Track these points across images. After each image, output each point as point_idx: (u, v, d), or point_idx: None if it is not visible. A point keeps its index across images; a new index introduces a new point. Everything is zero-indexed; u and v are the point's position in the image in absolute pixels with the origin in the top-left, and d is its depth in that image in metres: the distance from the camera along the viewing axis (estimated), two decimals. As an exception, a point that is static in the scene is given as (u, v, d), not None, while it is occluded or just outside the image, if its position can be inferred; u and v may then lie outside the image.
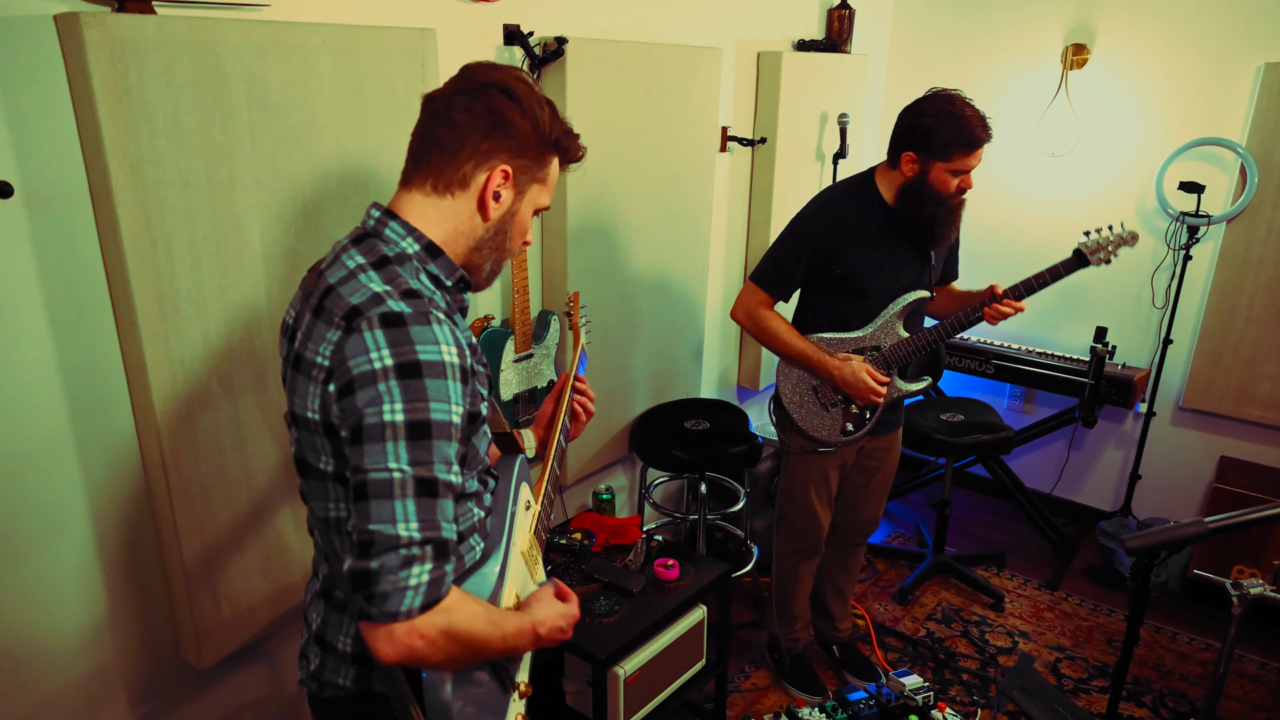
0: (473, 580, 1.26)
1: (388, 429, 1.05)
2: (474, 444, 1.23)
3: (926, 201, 2.29)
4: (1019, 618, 3.32)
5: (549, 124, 1.24)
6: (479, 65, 1.26)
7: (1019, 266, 3.84)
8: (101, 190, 1.57)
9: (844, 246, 2.35)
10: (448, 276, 1.24)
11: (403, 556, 1.03)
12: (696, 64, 2.84)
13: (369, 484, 1.04)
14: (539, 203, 1.30)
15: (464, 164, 1.20)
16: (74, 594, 1.74)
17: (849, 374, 2.40)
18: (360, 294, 1.12)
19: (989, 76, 3.79)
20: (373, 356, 1.06)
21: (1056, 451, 4.01)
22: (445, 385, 1.08)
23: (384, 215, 1.23)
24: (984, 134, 2.23)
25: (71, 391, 1.66)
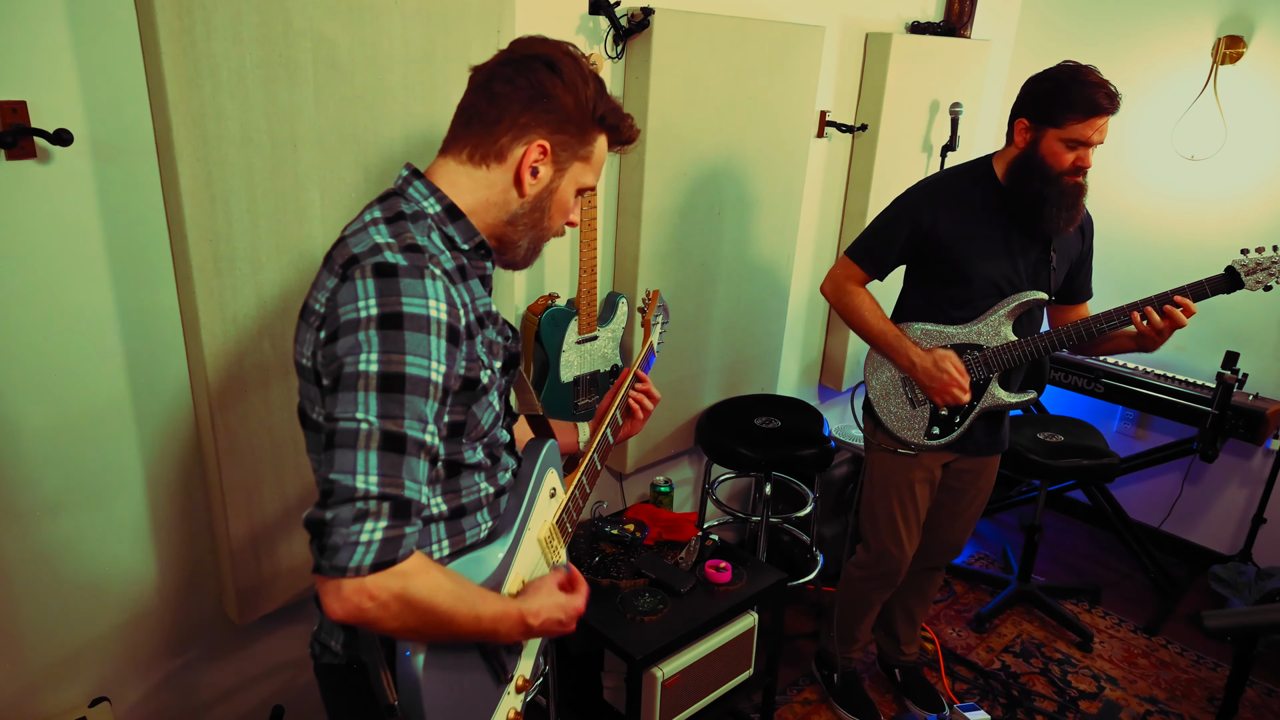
0: (470, 557, 1.20)
1: (360, 378, 1.02)
2: (474, 412, 1.19)
3: (1034, 176, 2.08)
4: (1108, 661, 3.06)
5: (593, 100, 1.20)
6: (527, 38, 1.23)
7: (1145, 282, 3.56)
8: (165, 144, 1.57)
9: (948, 224, 2.18)
10: (465, 240, 1.21)
11: (357, 509, 0.99)
12: (795, 42, 2.69)
13: (336, 433, 1.02)
14: (582, 182, 1.26)
15: (501, 136, 1.18)
16: (125, 543, 1.78)
17: (930, 364, 2.21)
18: (363, 245, 1.10)
19: (1126, 70, 3.47)
20: (360, 305, 1.04)
21: (1169, 483, 3.68)
22: (427, 340, 1.04)
23: (411, 175, 1.21)
24: (1107, 102, 2.01)
25: (129, 343, 1.68)
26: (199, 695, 2.00)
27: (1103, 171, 3.57)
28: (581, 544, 2.45)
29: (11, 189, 1.46)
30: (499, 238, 1.25)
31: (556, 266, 2.40)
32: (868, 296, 2.32)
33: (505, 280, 2.16)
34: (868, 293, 2.32)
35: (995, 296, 2.23)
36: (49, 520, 1.66)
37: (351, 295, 1.05)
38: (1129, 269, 3.63)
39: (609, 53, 2.30)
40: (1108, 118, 2.03)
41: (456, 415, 1.17)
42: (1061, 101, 2.02)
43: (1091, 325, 2.15)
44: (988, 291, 2.22)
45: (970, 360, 2.25)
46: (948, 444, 2.34)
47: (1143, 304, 2.09)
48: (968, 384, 2.22)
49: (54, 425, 1.62)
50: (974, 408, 2.29)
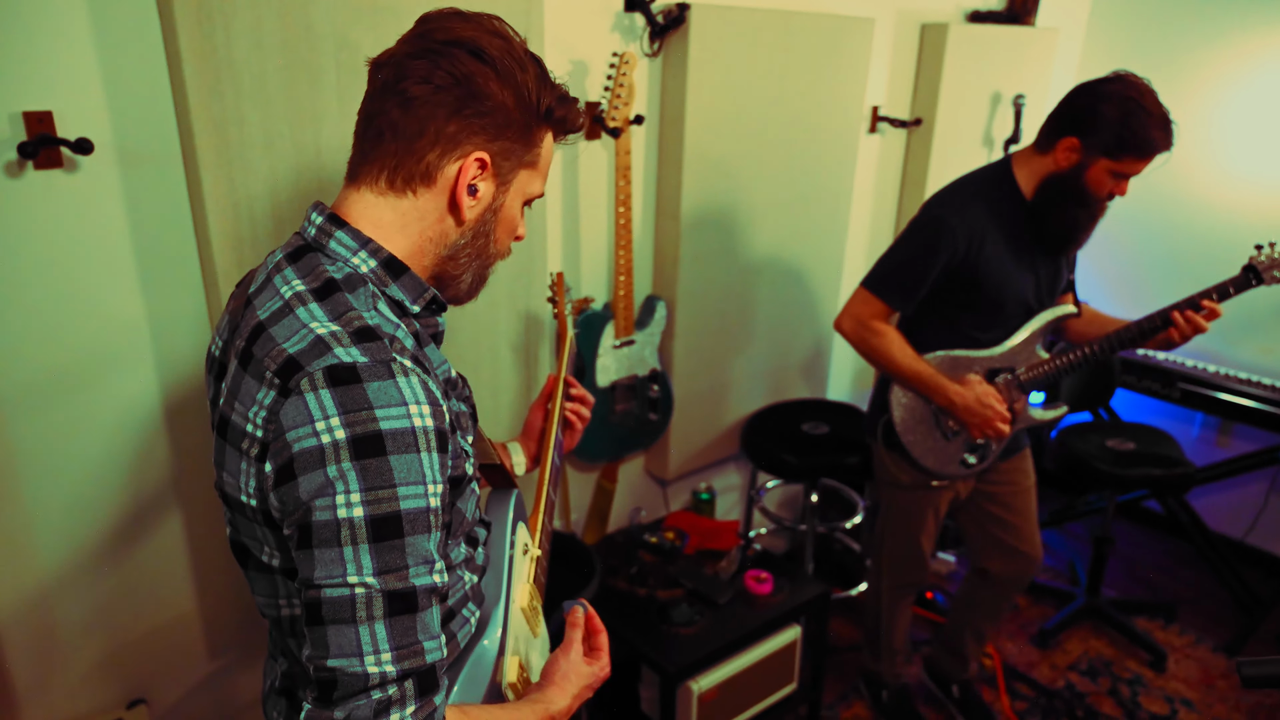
0: (470, 662, 1.05)
1: (344, 529, 0.80)
2: (459, 509, 1.00)
3: (1071, 199, 1.96)
4: (1183, 682, 2.88)
5: (536, 90, 0.96)
6: (441, 16, 0.96)
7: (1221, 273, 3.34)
8: (189, 150, 1.58)
9: (981, 250, 2.02)
10: (414, 300, 0.97)
11: (376, 702, 0.80)
12: (843, 35, 2.59)
13: (324, 604, 0.81)
14: (530, 191, 1.04)
15: (426, 153, 0.93)
16: (160, 545, 1.80)
17: (972, 401, 2.08)
18: (299, 338, 0.85)
19: (1209, 56, 3.26)
20: (319, 428, 0.81)
21: (1254, 493, 3.45)
22: (418, 461, 0.83)
23: (327, 222, 0.95)
24: (1166, 142, 1.88)
25: (160, 347, 1.70)
26: (237, 698, 2.02)
27: (1196, 170, 3.35)
28: (620, 551, 2.40)
29: (40, 198, 1.49)
30: (438, 276, 1.02)
31: (593, 269, 2.36)
32: (896, 336, 2.12)
33: (539, 284, 2.13)
34: (895, 332, 2.13)
35: (1021, 315, 2.12)
36: (85, 523, 1.69)
37: (303, 415, 0.81)
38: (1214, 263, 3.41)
39: (645, 50, 2.25)
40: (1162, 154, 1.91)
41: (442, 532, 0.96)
42: (1123, 137, 1.86)
43: (1124, 335, 2.04)
44: (1017, 311, 2.11)
45: (1002, 384, 2.14)
46: (980, 468, 2.24)
47: (1170, 310, 1.99)
48: (1009, 412, 2.11)
49: (88, 429, 1.65)
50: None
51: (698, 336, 2.55)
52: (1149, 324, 2.02)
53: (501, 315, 2.09)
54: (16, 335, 1.52)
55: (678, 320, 2.47)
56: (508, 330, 2.11)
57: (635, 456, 2.69)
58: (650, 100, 2.32)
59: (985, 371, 2.14)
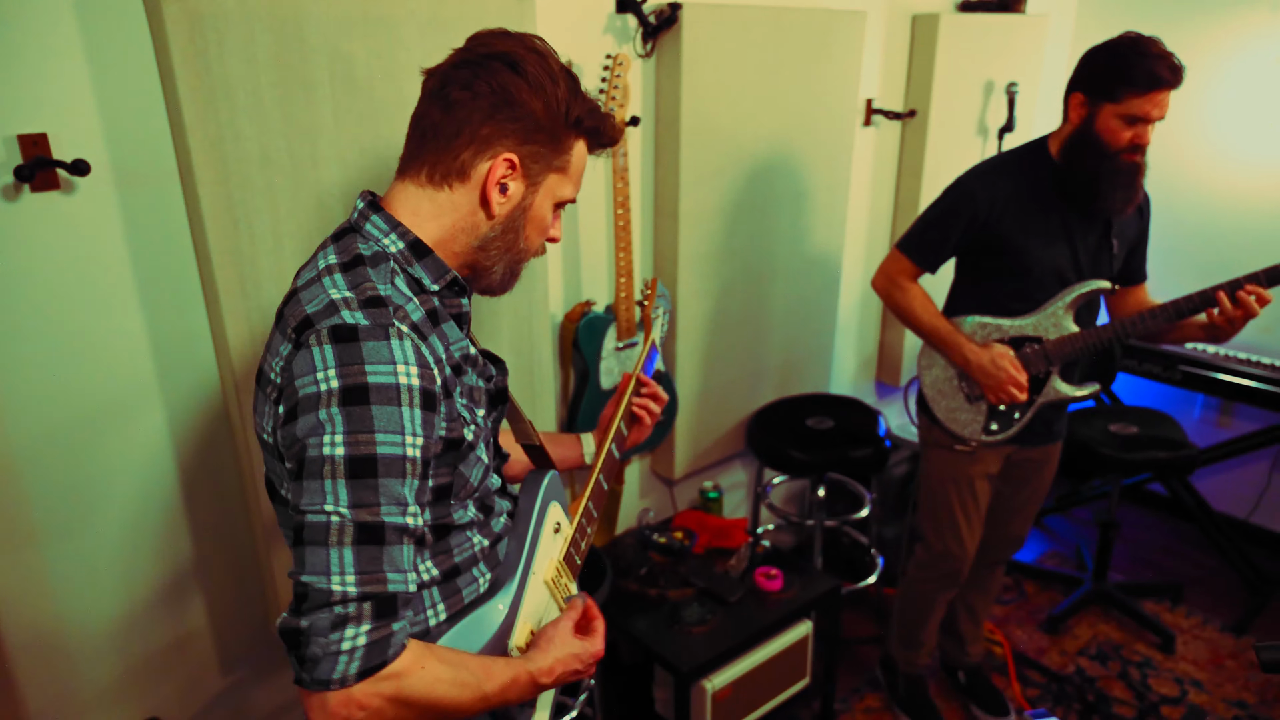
0: (468, 620, 1.12)
1: (326, 464, 0.92)
2: (461, 472, 1.08)
3: (1089, 154, 1.96)
4: (1192, 663, 2.89)
5: (565, 102, 1.07)
6: (486, 33, 1.09)
7: (1224, 258, 3.35)
8: (185, 168, 1.57)
9: (1006, 215, 2.05)
10: (434, 280, 1.08)
11: (335, 615, 0.90)
12: (835, 29, 2.59)
13: (305, 527, 0.92)
14: (560, 194, 1.14)
15: (461, 152, 1.05)
16: (171, 563, 1.80)
17: (986, 361, 2.11)
18: (317, 301, 0.98)
19: (1197, 38, 3.26)
20: (319, 377, 0.93)
21: (1257, 473, 3.46)
22: (398, 413, 0.94)
23: (368, 207, 1.09)
24: (1169, 75, 1.87)
25: (162, 366, 1.69)
26: (251, 713, 2.02)
27: (1180, 147, 3.37)
28: (629, 553, 2.40)
29: (38, 221, 1.48)
30: (471, 265, 1.13)
31: (593, 272, 2.35)
32: (920, 291, 2.21)
33: (540, 289, 2.13)
34: (920, 288, 2.22)
35: (1056, 286, 2.11)
36: (94, 543, 1.68)
37: (309, 365, 0.94)
38: (1210, 249, 3.42)
39: (638, 51, 2.24)
40: (1169, 92, 1.90)
41: (442, 479, 1.06)
42: (1119, 75, 1.90)
43: (1160, 315, 2.02)
44: (1047, 281, 2.10)
45: (1030, 354, 2.13)
46: (1006, 439, 2.23)
47: (1213, 291, 1.95)
48: (1025, 380, 2.11)
49: (94, 449, 1.64)
50: (1033, 402, 2.18)
51: (700, 336, 2.55)
52: (1186, 304, 1.99)
53: (503, 321, 2.09)
54: (18, 360, 1.51)
55: (679, 320, 2.47)
56: (510, 335, 2.10)
57: (641, 457, 2.69)
58: (645, 101, 2.31)
59: (1013, 340, 2.15)
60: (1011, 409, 2.20)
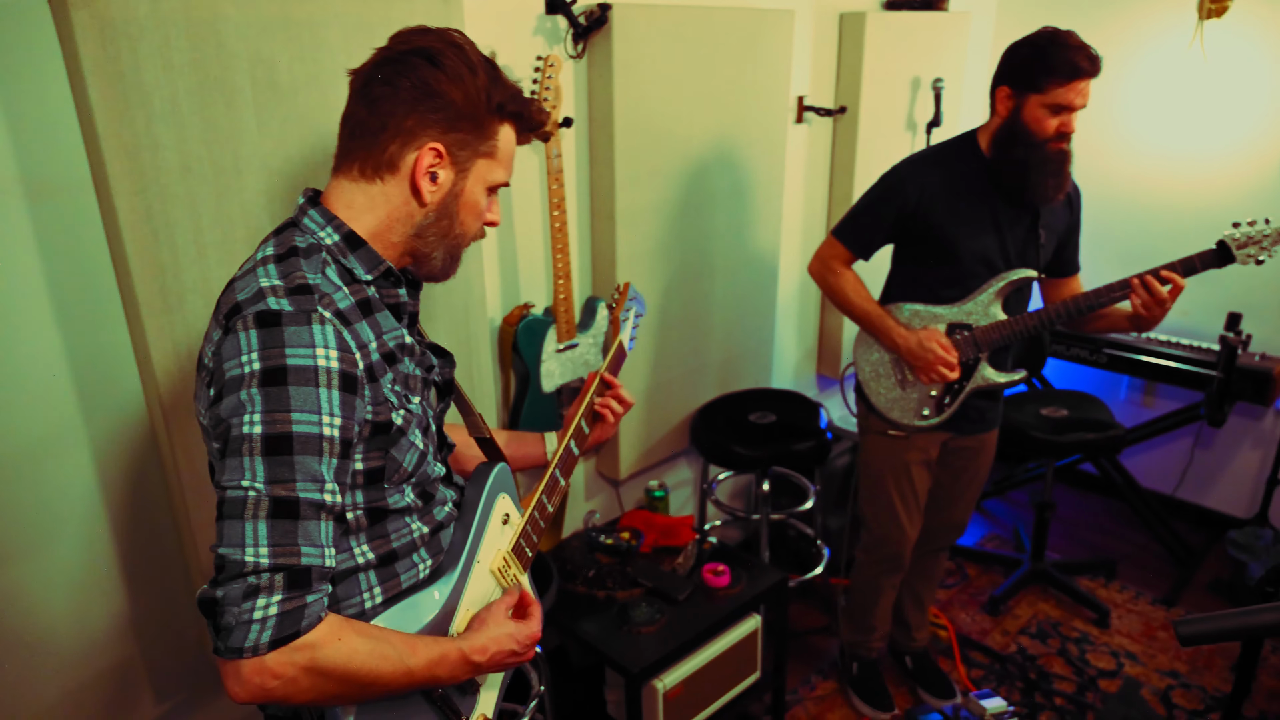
0: (404, 604, 1.14)
1: (245, 442, 0.96)
2: (393, 456, 1.11)
3: (1018, 143, 2.03)
4: (1127, 636, 2.99)
5: (486, 89, 1.11)
6: (406, 31, 1.14)
7: (1143, 248, 3.48)
8: (100, 179, 1.51)
9: (935, 203, 2.12)
10: (368, 270, 1.12)
11: (247, 585, 0.94)
12: (764, 28, 2.61)
13: (225, 502, 0.97)
14: (492, 179, 1.17)
15: (389, 145, 1.09)
16: (93, 588, 1.73)
17: (914, 343, 2.17)
18: (248, 290, 1.02)
19: (1112, 33, 3.38)
20: (243, 360, 0.98)
21: (1180, 450, 3.60)
22: (315, 393, 0.98)
23: (308, 203, 1.13)
24: (1088, 65, 1.95)
25: (81, 385, 1.63)
26: (189, 739, 1.96)
27: (1096, 138, 3.49)
28: (576, 556, 2.39)
29: (-58, 238, 1.41)
30: (411, 253, 1.17)
31: (531, 275, 2.34)
32: (853, 277, 2.27)
33: (477, 293, 2.10)
34: (853, 273, 2.28)
35: (984, 274, 2.17)
36: (18, 571, 1.61)
37: (235, 349, 0.98)
38: (1130, 238, 3.54)
39: (569, 52, 2.23)
40: (1089, 81, 1.98)
41: (373, 461, 1.09)
42: (1041, 66, 1.97)
43: (1081, 302, 2.09)
44: (976, 270, 2.16)
45: (959, 340, 2.19)
46: (939, 424, 2.28)
47: (1131, 277, 2.02)
48: (955, 361, 2.16)
49: (8, 473, 1.57)
50: (964, 388, 2.23)
51: (641, 335, 2.55)
52: (1107, 292, 2.05)
53: (440, 328, 2.06)
54: (-73, 383, 1.44)
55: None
56: (448, 341, 2.08)
57: (586, 459, 2.68)
58: (578, 102, 2.31)
59: (945, 327, 2.20)
60: (943, 394, 2.26)
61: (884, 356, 2.30)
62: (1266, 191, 3.17)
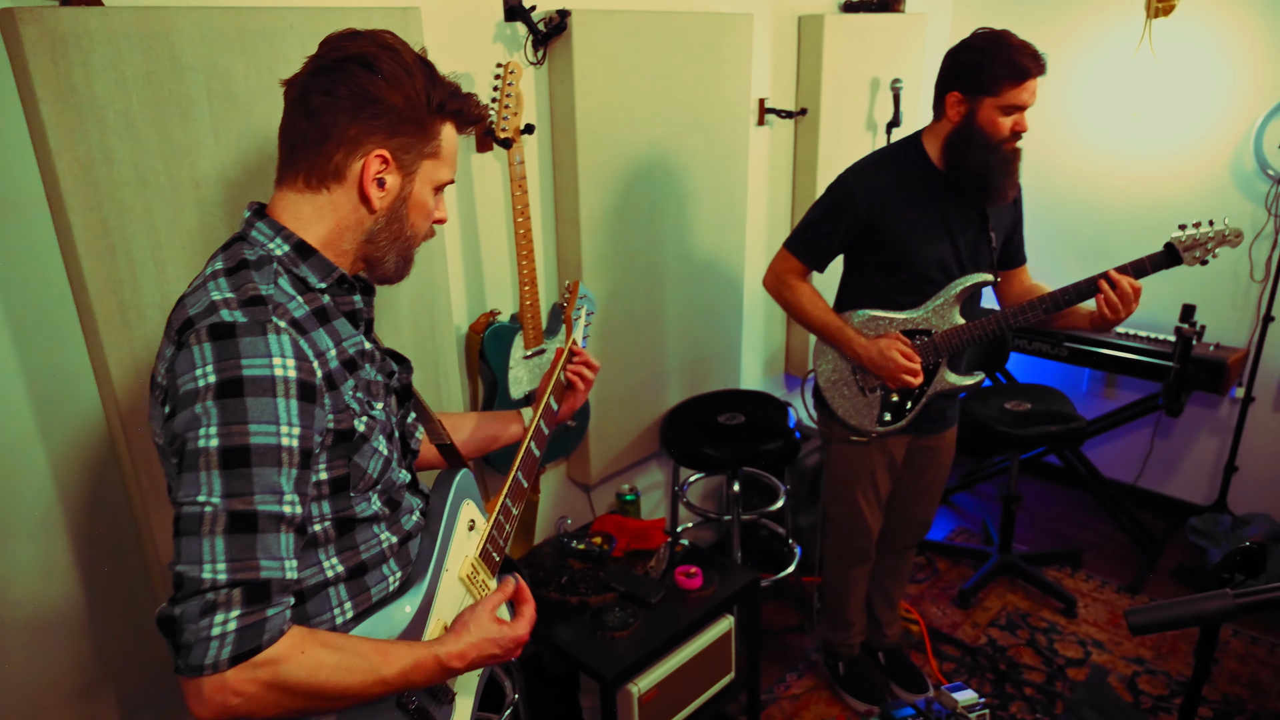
0: (379, 615, 1.14)
1: (201, 456, 0.95)
2: (356, 463, 1.11)
3: (975, 147, 2.05)
4: (1094, 625, 3.04)
5: (425, 91, 1.11)
6: (337, 36, 1.12)
7: (1097, 243, 3.55)
8: (54, 194, 1.49)
9: (887, 212, 2.13)
10: (321, 278, 1.11)
11: (205, 602, 0.92)
12: (724, 32, 2.63)
13: (181, 518, 0.95)
14: (438, 178, 1.18)
15: (333, 154, 1.09)
16: (57, 612, 1.70)
17: (875, 352, 2.19)
18: (200, 304, 1.01)
19: (1063, 31, 3.44)
20: (197, 374, 0.96)
21: (1141, 440, 3.67)
22: (273, 404, 0.97)
23: (254, 215, 1.12)
24: (1034, 64, 1.99)
25: (40, 405, 1.60)
26: (159, 759, 1.93)
27: (1052, 136, 3.55)
28: (548, 562, 2.39)
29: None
30: (364, 258, 1.17)
31: (497, 281, 2.33)
32: (808, 289, 2.29)
33: (443, 301, 2.10)
34: (808, 285, 2.29)
35: (940, 278, 2.19)
36: (-27, 598, 1.59)
37: (189, 364, 0.97)
38: (1088, 233, 3.61)
39: (529, 58, 2.23)
40: (1038, 79, 2.01)
41: (337, 470, 1.09)
42: (992, 69, 1.99)
43: (1039, 306, 2.11)
44: (932, 275, 2.19)
45: (919, 345, 2.21)
46: (901, 429, 2.31)
47: (1090, 281, 2.04)
48: (918, 367, 2.18)
49: (-32, 499, 1.55)
50: (924, 393, 2.27)
51: (608, 339, 2.56)
52: (1063, 295, 2.08)
53: (405, 336, 2.05)
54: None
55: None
56: (414, 350, 2.07)
57: (557, 465, 2.68)
58: (540, 108, 2.31)
59: (903, 333, 2.22)
60: (904, 399, 2.28)
61: (843, 364, 2.31)
62: (1218, 185, 3.24)
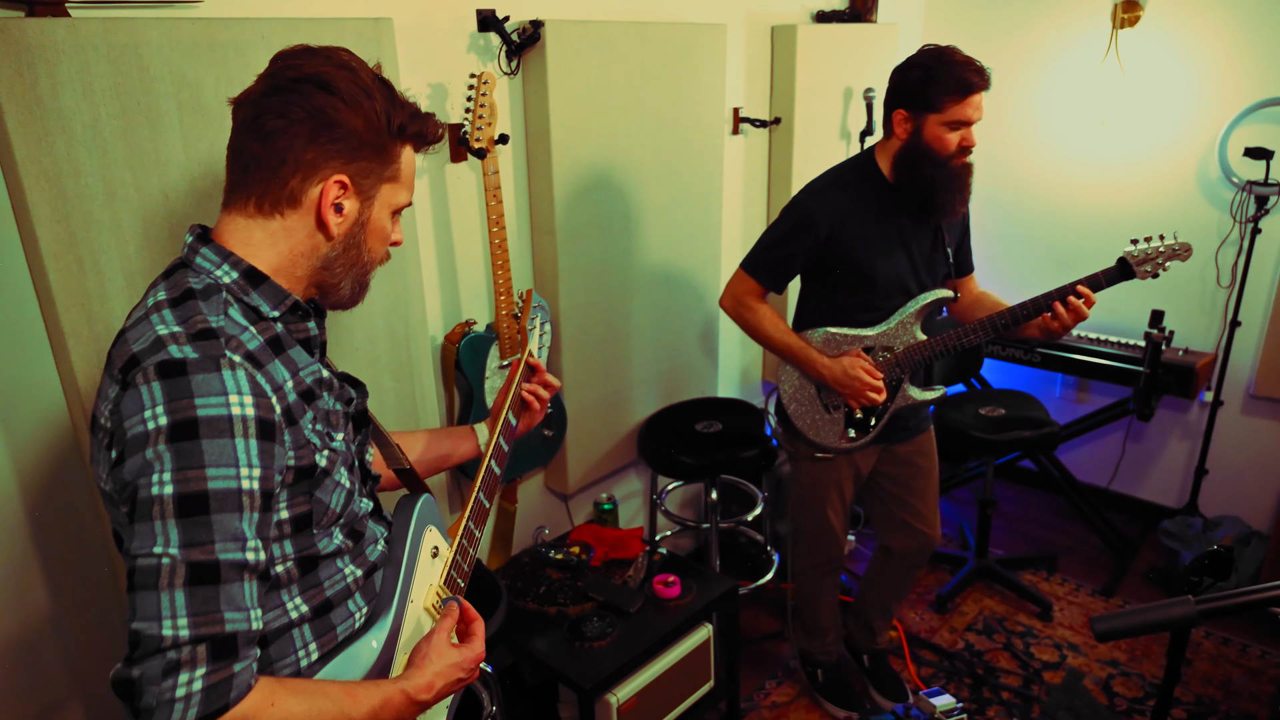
0: (345, 655, 1.09)
1: (155, 505, 0.89)
2: (319, 499, 1.06)
3: (923, 163, 2.06)
4: (1069, 628, 3.07)
5: (385, 113, 1.06)
6: (291, 53, 1.06)
7: (1067, 251, 3.60)
8: (20, 207, 1.48)
9: (846, 232, 2.14)
10: (273, 306, 1.06)
11: (167, 661, 0.87)
12: (698, 42, 2.65)
13: (136, 572, 0.89)
14: (396, 202, 1.14)
15: (289, 180, 1.03)
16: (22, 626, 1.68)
17: (839, 372, 2.20)
18: (144, 339, 0.95)
19: (1031, 41, 3.49)
20: (146, 415, 0.90)
21: (1113, 443, 3.72)
22: (231, 445, 0.92)
23: (197, 240, 1.06)
24: (977, 79, 2.00)
25: (7, 419, 1.58)
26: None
27: (1021, 145, 3.60)
28: (526, 572, 2.38)
29: None
30: (317, 285, 1.12)
31: (472, 291, 2.33)
32: (768, 310, 2.28)
33: (418, 311, 2.09)
34: (768, 306, 2.28)
35: (900, 295, 2.22)
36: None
37: (136, 405, 0.91)
38: (1057, 241, 3.66)
39: (503, 69, 2.24)
40: (982, 94, 2.03)
41: (299, 507, 1.03)
42: (935, 86, 2.00)
43: (998, 321, 2.14)
44: (891, 291, 2.21)
45: (882, 362, 2.23)
46: (865, 444, 2.33)
47: (1047, 297, 2.08)
48: (882, 383, 2.20)
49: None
50: (888, 409, 2.29)
51: (584, 348, 2.56)
52: (1022, 311, 2.11)
53: (380, 346, 2.04)
54: None
55: (563, 334, 2.47)
56: (388, 359, 2.06)
57: (534, 474, 2.67)
58: (514, 118, 2.31)
59: (864, 350, 2.23)
60: (868, 415, 2.30)
61: (806, 383, 2.31)
62: (1184, 192, 3.30)
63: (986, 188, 3.61)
